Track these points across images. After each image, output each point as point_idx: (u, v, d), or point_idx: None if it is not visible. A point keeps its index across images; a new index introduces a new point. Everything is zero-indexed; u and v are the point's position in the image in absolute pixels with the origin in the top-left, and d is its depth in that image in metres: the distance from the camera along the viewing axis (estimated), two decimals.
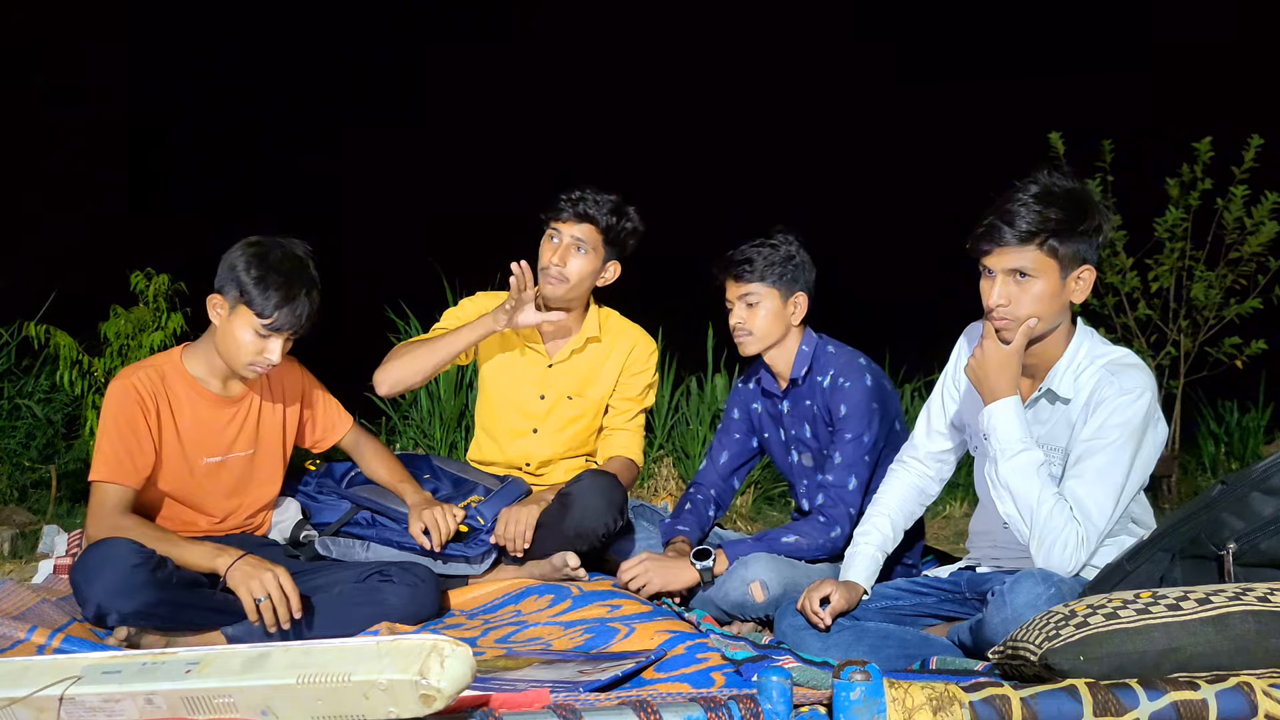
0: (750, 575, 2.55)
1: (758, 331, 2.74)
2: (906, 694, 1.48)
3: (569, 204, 2.94)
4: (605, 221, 2.95)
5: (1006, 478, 2.18)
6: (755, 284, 2.72)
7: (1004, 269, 2.18)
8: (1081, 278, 2.20)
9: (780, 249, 2.73)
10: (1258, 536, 1.91)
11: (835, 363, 2.76)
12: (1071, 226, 2.15)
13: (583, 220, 2.94)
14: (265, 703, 1.42)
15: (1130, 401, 2.15)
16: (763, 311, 2.73)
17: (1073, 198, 2.19)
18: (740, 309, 2.74)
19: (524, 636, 2.41)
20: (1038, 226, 2.15)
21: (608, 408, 3.10)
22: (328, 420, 2.87)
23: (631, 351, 3.09)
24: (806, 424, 2.81)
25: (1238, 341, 4.86)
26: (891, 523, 2.51)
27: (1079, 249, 2.17)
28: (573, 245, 2.93)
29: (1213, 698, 1.53)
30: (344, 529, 2.83)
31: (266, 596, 2.31)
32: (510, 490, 2.95)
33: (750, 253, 2.73)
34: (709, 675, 1.94)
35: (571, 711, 1.45)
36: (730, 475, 2.99)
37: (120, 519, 2.43)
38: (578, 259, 2.94)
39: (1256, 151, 4.71)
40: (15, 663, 1.56)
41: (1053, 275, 2.17)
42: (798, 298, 2.75)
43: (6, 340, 4.94)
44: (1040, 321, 2.19)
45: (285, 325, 2.47)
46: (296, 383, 2.79)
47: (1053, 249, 2.15)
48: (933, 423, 2.55)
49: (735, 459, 2.99)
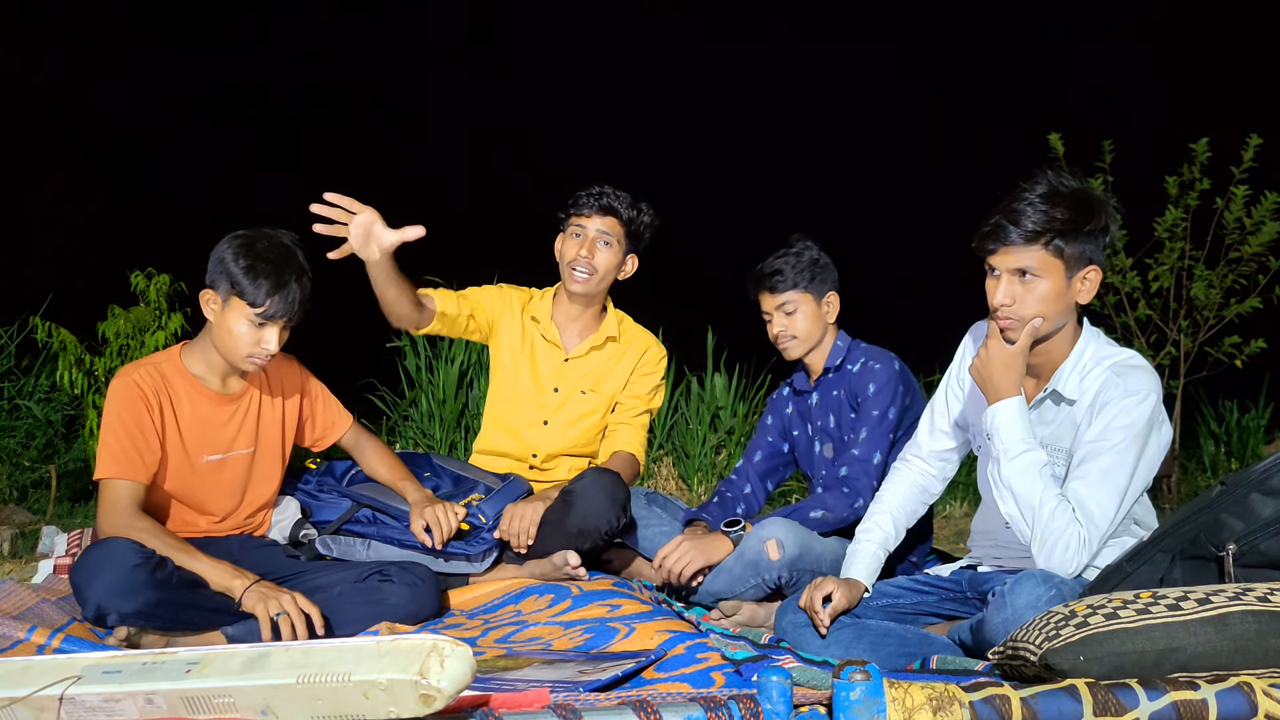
0: (766, 534, 2.63)
1: (801, 335, 2.87)
2: (906, 694, 1.48)
3: (592, 199, 3.04)
4: (627, 214, 3.05)
5: (1009, 478, 2.18)
6: (790, 292, 2.85)
7: (1009, 268, 2.18)
8: (1088, 278, 2.19)
9: (805, 254, 2.87)
10: (1257, 537, 1.90)
11: (868, 354, 2.90)
12: (1077, 226, 2.15)
13: (607, 214, 3.04)
14: (265, 703, 1.42)
15: (1135, 403, 2.15)
16: (801, 316, 2.86)
17: (1079, 198, 2.18)
18: (780, 318, 2.87)
19: (524, 636, 2.41)
20: (1043, 226, 2.15)
21: (615, 405, 3.14)
22: (328, 418, 2.87)
23: (645, 354, 3.17)
24: (832, 414, 2.90)
25: (1237, 341, 4.87)
26: (894, 521, 2.52)
27: (1085, 249, 2.17)
28: (599, 238, 3.03)
29: (1213, 698, 1.53)
30: (345, 527, 2.84)
31: (283, 613, 2.34)
32: (512, 488, 2.95)
33: (778, 264, 2.86)
34: (709, 675, 1.94)
35: (571, 711, 1.45)
36: (763, 476, 3.08)
37: (134, 519, 2.43)
38: (604, 252, 3.04)
39: (1255, 151, 4.72)
40: (15, 663, 1.56)
41: (1058, 275, 2.16)
42: (830, 297, 2.89)
43: (7, 340, 4.95)
44: (1045, 322, 2.19)
45: (278, 312, 2.48)
46: (296, 381, 2.79)
47: (1058, 249, 2.15)
48: (936, 422, 2.55)
49: (768, 460, 3.08)
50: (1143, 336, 5.01)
